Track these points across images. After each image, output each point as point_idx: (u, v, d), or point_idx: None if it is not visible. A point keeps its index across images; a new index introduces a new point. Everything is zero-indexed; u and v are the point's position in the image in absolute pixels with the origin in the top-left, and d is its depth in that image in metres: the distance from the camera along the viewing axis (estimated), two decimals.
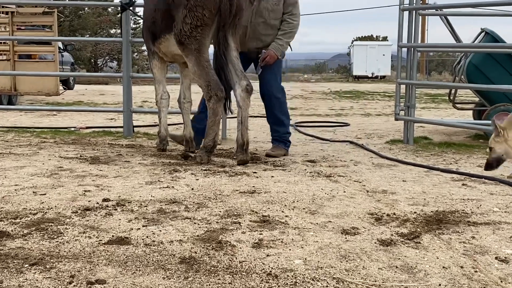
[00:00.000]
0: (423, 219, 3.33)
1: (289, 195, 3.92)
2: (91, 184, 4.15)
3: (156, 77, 5.87)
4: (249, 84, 5.12)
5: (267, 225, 3.15)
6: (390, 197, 3.94)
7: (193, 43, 5.00)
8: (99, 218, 3.25)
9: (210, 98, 5.02)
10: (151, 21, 5.48)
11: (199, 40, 5.00)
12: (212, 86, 4.99)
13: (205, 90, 5.05)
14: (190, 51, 5.04)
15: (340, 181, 4.50)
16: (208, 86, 5.00)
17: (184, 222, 3.19)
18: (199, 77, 5.05)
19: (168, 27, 5.19)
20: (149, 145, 6.42)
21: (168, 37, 5.26)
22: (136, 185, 4.14)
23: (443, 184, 4.42)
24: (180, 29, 5.01)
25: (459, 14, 7.99)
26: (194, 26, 4.96)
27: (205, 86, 5.02)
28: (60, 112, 10.50)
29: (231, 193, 3.94)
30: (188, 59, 5.10)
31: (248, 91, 5.11)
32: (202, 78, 5.03)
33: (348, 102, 15.77)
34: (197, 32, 4.97)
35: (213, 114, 5.07)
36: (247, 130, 5.18)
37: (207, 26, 4.99)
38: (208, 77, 5.01)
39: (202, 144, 5.26)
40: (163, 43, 5.41)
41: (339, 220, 3.30)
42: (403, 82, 7.08)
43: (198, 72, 5.05)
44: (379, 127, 8.93)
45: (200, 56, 5.02)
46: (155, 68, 5.81)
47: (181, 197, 3.79)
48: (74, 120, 9.35)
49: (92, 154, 5.59)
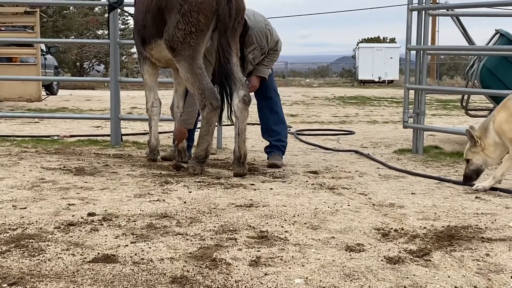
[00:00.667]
0: (433, 235, 3.33)
1: (289, 208, 3.91)
2: (76, 197, 4.14)
3: (147, 83, 5.88)
4: (247, 95, 5.13)
5: (265, 242, 3.15)
6: (398, 211, 3.94)
7: (186, 49, 5.01)
8: (84, 234, 3.24)
9: (204, 106, 5.04)
10: (141, 25, 5.50)
11: (193, 46, 5.02)
12: (206, 94, 5.01)
13: (198, 98, 5.07)
14: (183, 57, 5.05)
15: (344, 193, 4.50)
16: (202, 94, 5.02)
17: (175, 238, 3.18)
18: (192, 84, 5.08)
19: (159, 32, 5.21)
20: (138, 155, 6.42)
21: (160, 42, 5.28)
22: (124, 198, 4.14)
23: (455, 197, 4.42)
24: (172, 35, 5.03)
25: (472, 15, 8.02)
26: (188, 32, 4.97)
27: (199, 94, 5.04)
28: (42, 119, 10.50)
29: (226, 207, 3.93)
30: (180, 65, 5.11)
31: (246, 102, 5.12)
32: (196, 86, 5.05)
33: (353, 109, 15.79)
34: (191, 38, 4.99)
35: (206, 123, 5.09)
36: (244, 142, 5.19)
37: (203, 32, 5.00)
38: (202, 85, 5.03)
39: (194, 154, 5.26)
40: (155, 48, 5.44)
41: (343, 236, 3.29)
42: (412, 87, 7.09)
43: (191, 79, 5.06)
44: (386, 136, 8.94)
45: (194, 63, 5.04)
46: (146, 74, 5.83)
47: (173, 211, 3.79)
48: (57, 128, 9.36)
49: (77, 164, 5.59)
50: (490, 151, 4.64)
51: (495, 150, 4.63)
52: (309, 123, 11.38)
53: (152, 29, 5.32)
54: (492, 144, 4.62)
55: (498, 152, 4.64)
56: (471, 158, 4.70)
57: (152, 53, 5.54)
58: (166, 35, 5.10)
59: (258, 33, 5.56)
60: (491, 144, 4.63)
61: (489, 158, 4.66)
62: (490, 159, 4.67)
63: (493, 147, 4.62)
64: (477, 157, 4.67)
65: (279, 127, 6.01)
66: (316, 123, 11.30)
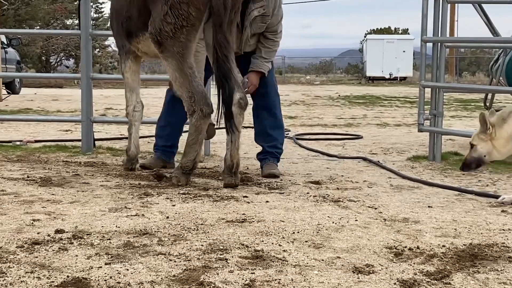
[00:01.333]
0: (453, 254, 3.33)
1: (287, 224, 3.91)
2: (41, 212, 4.12)
3: (128, 82, 5.87)
4: (243, 98, 5.13)
5: (260, 262, 3.14)
6: (413, 226, 3.94)
7: (175, 45, 5.02)
8: (51, 254, 3.23)
9: (193, 112, 5.04)
10: (125, 16, 5.50)
11: (184, 43, 5.02)
12: (196, 99, 5.01)
13: (187, 102, 5.06)
14: (172, 54, 5.05)
15: (351, 207, 4.50)
16: (191, 98, 5.02)
17: (157, 258, 3.17)
18: (181, 86, 5.07)
19: (147, 25, 5.21)
20: (113, 162, 6.41)
21: (148, 35, 5.28)
22: (97, 213, 4.12)
23: (478, 211, 4.43)
24: (159, 29, 5.03)
25: (496, 2, 8.05)
26: (178, 27, 4.98)
27: (188, 98, 5.04)
28: (2, 122, 10.47)
29: (215, 222, 3.93)
30: (168, 62, 5.11)
31: (241, 106, 5.11)
32: (185, 88, 5.05)
33: (360, 110, 15.83)
34: (181, 33, 4.99)
35: (195, 131, 5.10)
36: (238, 150, 5.18)
37: (194, 26, 5.01)
38: (192, 87, 5.03)
39: (180, 164, 5.26)
40: (143, 42, 5.43)
41: (350, 255, 3.29)
42: (428, 85, 7.11)
43: (180, 80, 5.07)
44: (398, 140, 8.96)
45: (184, 61, 5.04)
46: (127, 72, 5.81)
47: (154, 227, 3.78)
48: (20, 132, 9.33)
49: (43, 174, 5.57)
50: (500, 144, 4.69)
51: (506, 145, 4.68)
52: (310, 126, 11.39)
53: (138, 21, 5.33)
54: (505, 137, 4.67)
55: (509, 147, 4.69)
56: (477, 144, 4.74)
57: (139, 47, 5.55)
58: (151, 28, 5.10)
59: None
60: (504, 137, 4.67)
61: (496, 150, 4.71)
62: (496, 152, 4.73)
63: (506, 140, 4.67)
64: (483, 145, 4.72)
65: (276, 132, 6.02)
66: (318, 126, 11.32)
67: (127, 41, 5.63)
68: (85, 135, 7.30)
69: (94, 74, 7.55)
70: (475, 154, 4.77)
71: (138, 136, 6.02)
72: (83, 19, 7.19)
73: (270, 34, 5.76)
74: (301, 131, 10.21)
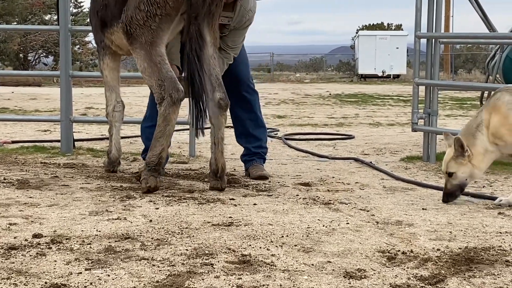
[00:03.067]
0: (448, 258, 3.34)
1: (276, 228, 3.91)
2: (18, 216, 4.11)
3: (107, 81, 5.82)
4: (223, 98, 5.09)
5: (247, 267, 3.14)
6: (407, 229, 3.95)
7: (145, 34, 4.96)
8: (28, 259, 3.22)
9: (163, 100, 4.94)
10: (102, 4, 5.45)
11: (154, 31, 4.96)
12: (166, 85, 4.92)
13: (156, 91, 4.97)
14: (140, 44, 4.99)
15: (342, 209, 4.51)
16: (161, 86, 4.94)
17: (139, 264, 3.17)
18: (150, 75, 5.00)
19: (121, 13, 5.17)
20: (94, 164, 6.40)
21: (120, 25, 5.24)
22: (77, 217, 4.11)
23: (474, 213, 4.45)
24: (131, 17, 4.99)
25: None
26: (151, 15, 4.93)
27: (157, 86, 4.96)
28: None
29: (201, 226, 3.93)
30: (136, 53, 5.06)
31: (222, 106, 5.09)
32: (154, 77, 4.97)
33: (352, 109, 15.87)
34: (153, 21, 4.95)
35: (163, 122, 4.98)
36: (222, 153, 5.16)
37: (169, 16, 4.97)
38: (161, 74, 4.96)
39: (145, 160, 5.14)
40: (117, 33, 5.37)
41: (341, 260, 3.30)
42: (423, 82, 7.14)
43: (148, 69, 5.00)
44: (392, 140, 8.98)
45: (152, 49, 4.98)
46: (106, 69, 5.77)
47: (136, 231, 3.77)
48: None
49: (20, 176, 5.56)
50: (478, 161, 4.71)
51: (484, 159, 4.72)
52: (300, 125, 11.41)
53: (114, 9, 5.25)
54: (481, 152, 4.70)
55: (487, 161, 4.75)
56: (456, 171, 4.72)
57: (113, 39, 5.47)
58: (123, 17, 5.05)
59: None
60: (480, 153, 4.70)
61: (477, 169, 4.73)
62: (477, 171, 4.75)
63: (482, 155, 4.71)
64: (463, 169, 4.71)
65: (258, 132, 6.02)
66: (308, 126, 11.34)
67: (102, 33, 5.56)
68: (64, 136, 7.27)
69: (73, 72, 7.52)
70: (457, 181, 4.74)
71: (120, 137, 5.98)
72: (62, 14, 7.16)
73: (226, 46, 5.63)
74: (290, 131, 10.23)
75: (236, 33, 5.64)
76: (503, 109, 4.64)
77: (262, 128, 6.08)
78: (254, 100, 6.00)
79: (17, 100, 16.97)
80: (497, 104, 4.70)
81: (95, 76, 6.91)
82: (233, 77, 5.76)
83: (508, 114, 4.62)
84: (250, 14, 5.62)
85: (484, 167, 4.79)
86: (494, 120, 4.66)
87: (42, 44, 36.55)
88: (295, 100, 18.92)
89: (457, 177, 4.73)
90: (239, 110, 5.91)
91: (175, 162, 6.57)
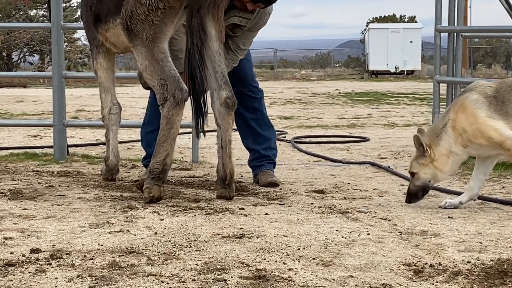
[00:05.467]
0: (480, 271, 3.34)
1: (291, 239, 3.91)
2: (13, 229, 4.10)
3: (101, 81, 5.82)
4: (230, 97, 5.09)
5: (263, 283, 3.14)
6: (433, 240, 3.95)
7: (146, 29, 4.94)
8: (27, 276, 3.22)
9: (165, 101, 4.93)
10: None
11: (157, 26, 4.95)
12: (168, 85, 4.91)
13: (159, 92, 4.95)
14: (141, 41, 4.98)
15: (362, 219, 4.51)
16: (163, 85, 4.92)
17: (147, 280, 3.17)
18: (152, 74, 4.98)
19: (120, 8, 5.17)
20: (90, 171, 6.41)
21: (119, 21, 5.24)
22: (77, 229, 4.11)
23: (504, 221, 4.45)
24: (131, 12, 4.98)
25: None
26: (153, 9, 4.92)
27: (159, 86, 4.93)
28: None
29: (210, 238, 3.92)
30: (137, 50, 5.04)
31: (229, 105, 5.08)
32: (156, 75, 4.95)
33: (364, 108, 15.88)
34: (155, 15, 4.94)
35: (167, 125, 4.97)
36: (230, 158, 5.15)
37: (172, 9, 4.96)
38: (163, 73, 4.94)
39: (148, 168, 5.14)
40: (112, 30, 5.36)
41: (364, 274, 3.30)
42: (444, 80, 7.14)
43: (150, 68, 4.98)
44: (410, 143, 8.90)
45: (155, 46, 4.97)
46: (100, 69, 5.77)
47: (141, 245, 3.77)
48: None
49: (12, 186, 5.56)
50: (441, 162, 4.80)
51: (448, 162, 4.80)
52: (309, 127, 11.42)
53: (111, 3, 5.24)
54: (445, 154, 4.78)
55: (451, 163, 4.82)
56: (418, 171, 4.83)
57: (108, 36, 5.46)
58: (123, 11, 5.04)
59: None
60: (443, 154, 4.78)
61: (440, 171, 4.82)
62: (440, 173, 4.84)
63: (446, 157, 4.78)
64: (425, 170, 4.81)
65: (267, 131, 6.03)
66: (318, 128, 11.35)
67: (95, 30, 5.55)
68: (57, 141, 7.28)
69: (66, 73, 7.53)
70: (419, 182, 4.84)
71: (117, 142, 5.97)
72: (54, 9, 7.16)
73: (235, 47, 5.70)
74: (299, 133, 10.25)
75: (248, 34, 5.68)
76: (470, 109, 4.69)
77: (271, 128, 6.10)
78: (259, 99, 6.01)
79: (2, 102, 16.98)
80: (464, 103, 4.75)
81: (89, 76, 6.90)
82: (237, 76, 5.77)
83: (475, 113, 4.67)
84: (267, 16, 5.67)
85: (448, 170, 4.86)
86: (461, 119, 4.72)
87: (27, 42, 36.54)
88: (302, 100, 18.94)
89: (419, 177, 4.84)
90: (244, 111, 5.91)
91: (177, 169, 6.58)
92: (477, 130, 4.66)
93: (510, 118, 4.65)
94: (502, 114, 4.65)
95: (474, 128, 4.67)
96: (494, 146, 4.66)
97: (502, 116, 4.65)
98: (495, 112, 4.65)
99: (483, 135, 4.64)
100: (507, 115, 4.65)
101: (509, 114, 4.65)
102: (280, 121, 12.69)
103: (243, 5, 5.37)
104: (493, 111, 4.65)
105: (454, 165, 4.86)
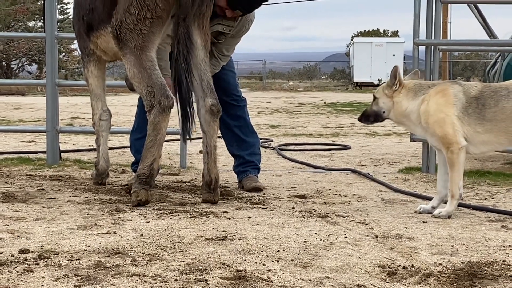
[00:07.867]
0: (451, 273, 3.34)
1: (272, 242, 3.91)
2: (4, 230, 4.09)
3: (92, 89, 5.82)
4: (215, 104, 5.10)
5: (243, 283, 3.14)
6: (407, 243, 3.95)
7: (134, 38, 4.95)
8: (15, 276, 3.20)
9: (152, 108, 4.93)
10: (88, 9, 5.45)
11: (145, 35, 4.96)
12: (155, 92, 4.91)
13: (146, 99, 4.96)
14: (130, 49, 4.98)
15: (340, 222, 4.51)
16: (150, 92, 4.93)
17: (131, 280, 3.16)
18: (140, 81, 4.98)
19: (111, 17, 5.17)
20: (81, 176, 6.39)
21: (110, 29, 5.24)
22: (65, 231, 4.10)
23: (476, 226, 4.46)
24: (120, 21, 4.98)
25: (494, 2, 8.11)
26: (141, 18, 4.93)
27: (147, 93, 4.94)
28: None
29: (194, 240, 3.92)
30: (126, 58, 5.04)
31: (214, 112, 5.10)
32: (144, 83, 4.96)
33: (347, 118, 15.91)
34: (143, 25, 4.94)
35: (153, 130, 4.96)
36: (215, 163, 5.17)
37: (160, 19, 4.97)
38: (151, 80, 4.95)
39: (136, 173, 5.12)
40: (103, 37, 5.36)
41: (340, 275, 3.29)
42: None
43: (138, 75, 4.98)
44: (389, 151, 9.00)
45: (143, 54, 4.97)
46: (91, 77, 5.77)
47: (127, 246, 3.76)
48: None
49: (4, 189, 5.54)
50: (397, 108, 4.91)
51: (400, 116, 4.92)
52: (294, 135, 11.43)
53: (103, 13, 5.24)
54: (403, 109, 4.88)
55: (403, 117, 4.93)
56: (379, 97, 5.02)
57: (98, 43, 5.46)
58: (113, 21, 5.04)
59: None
60: (403, 106, 4.88)
61: (393, 112, 4.94)
62: (393, 114, 4.96)
63: (403, 110, 4.88)
64: (385, 100, 4.98)
65: (251, 138, 6.04)
66: (302, 136, 11.36)
67: (87, 38, 5.55)
68: (50, 147, 7.27)
69: (60, 81, 7.51)
70: (376, 107, 5.04)
71: (107, 148, 5.97)
72: (48, 20, 7.16)
73: (219, 53, 5.71)
74: (284, 141, 10.26)
75: (232, 41, 5.70)
76: (447, 98, 4.71)
77: (254, 134, 6.11)
78: (242, 107, 6.02)
79: (0, 109, 16.94)
80: (447, 91, 4.76)
81: (82, 84, 6.89)
82: (221, 87, 5.78)
83: (448, 106, 4.69)
84: (250, 24, 5.70)
85: (398, 120, 5.00)
86: (434, 101, 4.75)
87: (26, 52, 36.48)
88: (288, 109, 18.96)
89: (378, 103, 5.03)
90: (228, 118, 5.92)
91: (165, 174, 6.57)
92: (440, 120, 4.69)
93: (486, 123, 4.65)
94: (478, 118, 4.65)
95: (439, 116, 4.70)
96: (442, 142, 4.70)
97: (477, 119, 4.65)
98: (471, 114, 4.66)
99: (441, 127, 4.68)
100: (484, 120, 4.65)
101: (486, 119, 4.65)
102: (267, 129, 12.71)
103: (223, 12, 5.39)
104: (468, 113, 4.67)
105: (405, 120, 4.93)
